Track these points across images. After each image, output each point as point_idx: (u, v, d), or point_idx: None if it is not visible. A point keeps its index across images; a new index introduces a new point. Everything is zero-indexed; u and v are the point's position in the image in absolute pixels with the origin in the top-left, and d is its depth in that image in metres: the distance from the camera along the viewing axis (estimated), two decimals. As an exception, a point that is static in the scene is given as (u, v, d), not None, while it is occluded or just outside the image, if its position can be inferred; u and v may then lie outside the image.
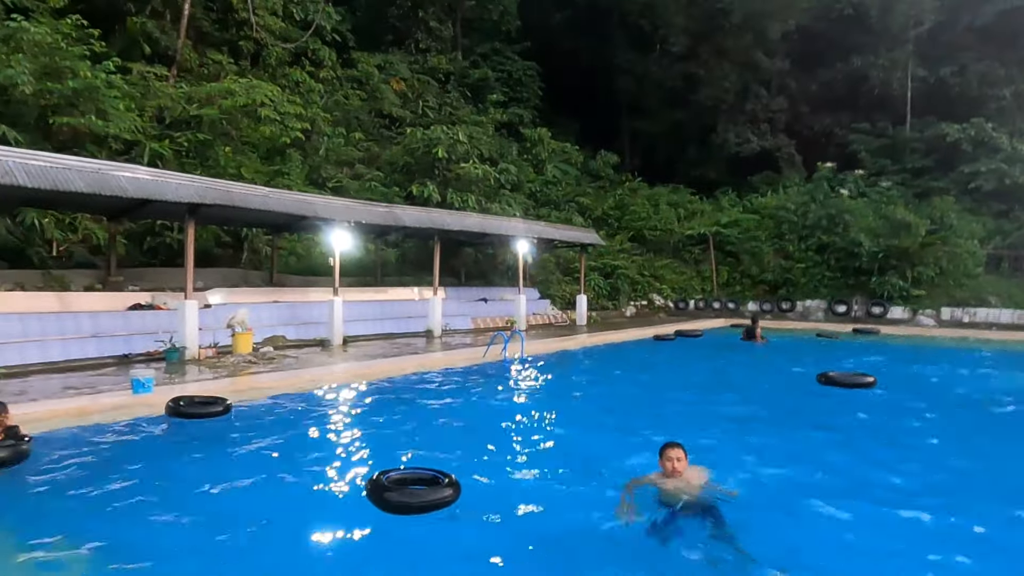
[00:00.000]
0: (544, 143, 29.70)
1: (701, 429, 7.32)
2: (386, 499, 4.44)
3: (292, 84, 22.52)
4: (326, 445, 6.54)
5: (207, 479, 5.34)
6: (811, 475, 5.86)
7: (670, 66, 36.09)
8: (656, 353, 15.27)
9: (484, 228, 17.50)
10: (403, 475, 4.79)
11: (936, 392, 10.48)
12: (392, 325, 16.03)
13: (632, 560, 4.05)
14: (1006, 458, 6.50)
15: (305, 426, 7.21)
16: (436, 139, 20.72)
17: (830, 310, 24.12)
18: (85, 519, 4.45)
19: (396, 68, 28.28)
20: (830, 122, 36.15)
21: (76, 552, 3.92)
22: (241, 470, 5.67)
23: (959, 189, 29.48)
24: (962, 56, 34.45)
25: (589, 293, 22.70)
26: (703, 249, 27.78)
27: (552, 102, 35.79)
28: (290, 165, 19.39)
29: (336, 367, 10.60)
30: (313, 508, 4.88)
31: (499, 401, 9.15)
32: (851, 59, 34.71)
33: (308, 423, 7.36)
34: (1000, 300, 22.34)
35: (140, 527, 4.36)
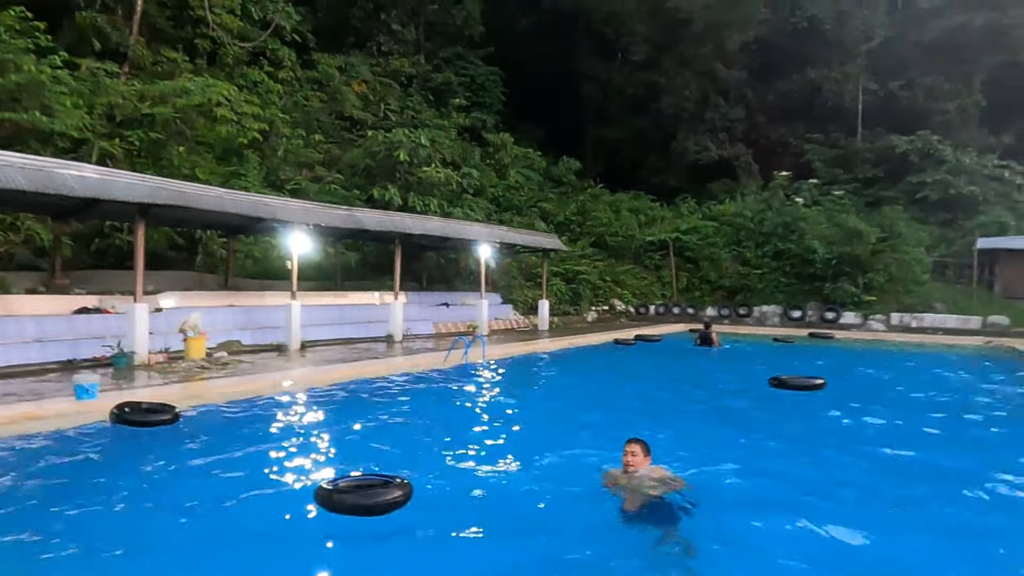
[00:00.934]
0: (507, 148, 29.73)
1: (655, 430, 7.36)
2: (335, 502, 4.36)
3: (250, 84, 22.06)
4: (279, 452, 6.35)
5: (151, 489, 5.14)
6: (753, 474, 5.98)
7: (632, 74, 36.59)
8: (616, 357, 15.35)
9: (446, 232, 17.40)
10: (353, 482, 4.69)
11: (881, 394, 10.76)
12: (352, 330, 15.78)
13: (584, 563, 4.04)
14: (941, 455, 6.70)
15: (258, 433, 7.00)
16: (398, 142, 20.55)
17: (786, 315, 24.66)
18: (18, 530, 4.21)
19: (358, 70, 27.96)
20: (786, 132, 37.13)
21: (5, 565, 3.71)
22: (188, 479, 5.47)
23: (907, 199, 30.59)
24: (910, 71, 35.83)
25: (551, 298, 22.76)
26: (663, 255, 28.15)
27: (515, 107, 35.87)
28: (247, 166, 18.96)
29: (293, 372, 10.36)
30: (262, 517, 4.72)
31: (459, 406, 9.06)
32: (806, 71, 35.74)
33: (261, 430, 7.15)
34: (945, 306, 23.17)
35: (77, 539, 4.15)
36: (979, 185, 30.00)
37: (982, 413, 8.86)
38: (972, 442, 7.23)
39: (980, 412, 8.93)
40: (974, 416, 8.77)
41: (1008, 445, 7.10)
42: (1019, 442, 7.36)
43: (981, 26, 33.58)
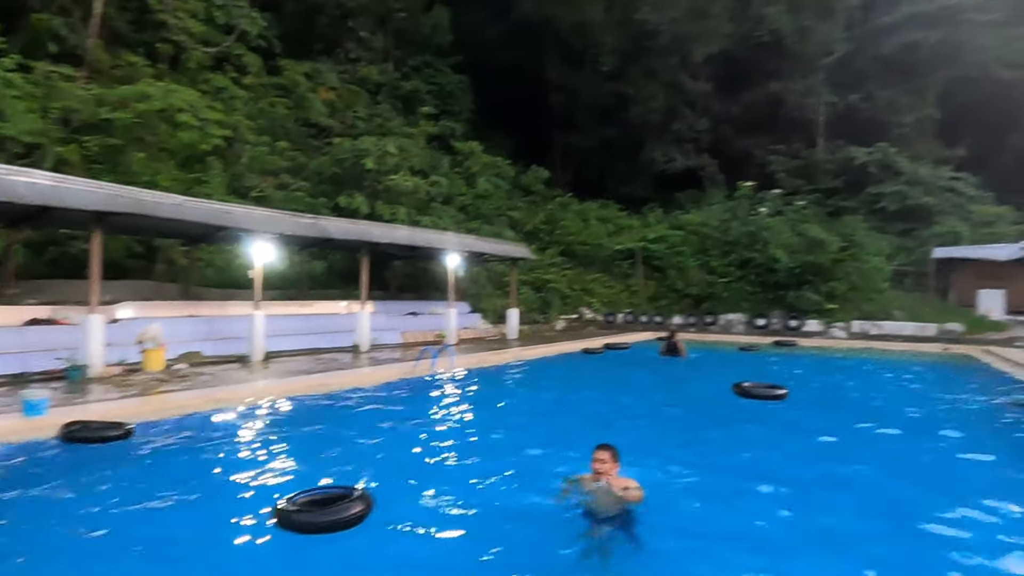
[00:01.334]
0: (476, 156, 29.71)
1: (620, 438, 7.38)
2: (294, 521, 4.25)
3: (213, 90, 21.65)
4: (240, 467, 6.18)
5: (102, 509, 4.94)
6: (711, 481, 6.09)
7: (601, 84, 36.93)
8: (585, 366, 15.38)
9: (414, 241, 17.26)
10: (312, 496, 4.58)
11: (842, 403, 10.97)
12: (317, 340, 15.54)
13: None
14: (895, 462, 6.83)
15: (218, 447, 6.81)
16: (365, 150, 20.39)
17: (751, 323, 25.04)
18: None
19: (325, 77, 27.69)
20: (750, 143, 37.83)
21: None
22: (139, 499, 5.27)
23: (867, 209, 31.43)
24: (869, 84, 36.89)
25: (520, 307, 22.72)
26: (631, 263, 28.39)
27: (484, 116, 35.94)
28: (210, 173, 18.60)
29: (256, 384, 10.13)
30: (221, 535, 4.57)
31: (426, 416, 8.94)
32: (769, 84, 36.52)
33: (222, 444, 6.96)
34: (904, 313, 23.77)
35: (8, 565, 3.96)
36: (934, 196, 30.96)
37: (937, 425, 9.05)
38: (923, 459, 7.33)
39: (935, 424, 9.11)
40: (928, 427, 8.97)
41: (955, 462, 7.24)
42: (961, 453, 7.52)
43: (935, 42, 34.74)
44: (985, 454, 7.19)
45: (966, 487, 5.96)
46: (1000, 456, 7.17)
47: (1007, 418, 9.32)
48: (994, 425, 8.99)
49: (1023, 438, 8.27)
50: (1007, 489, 5.93)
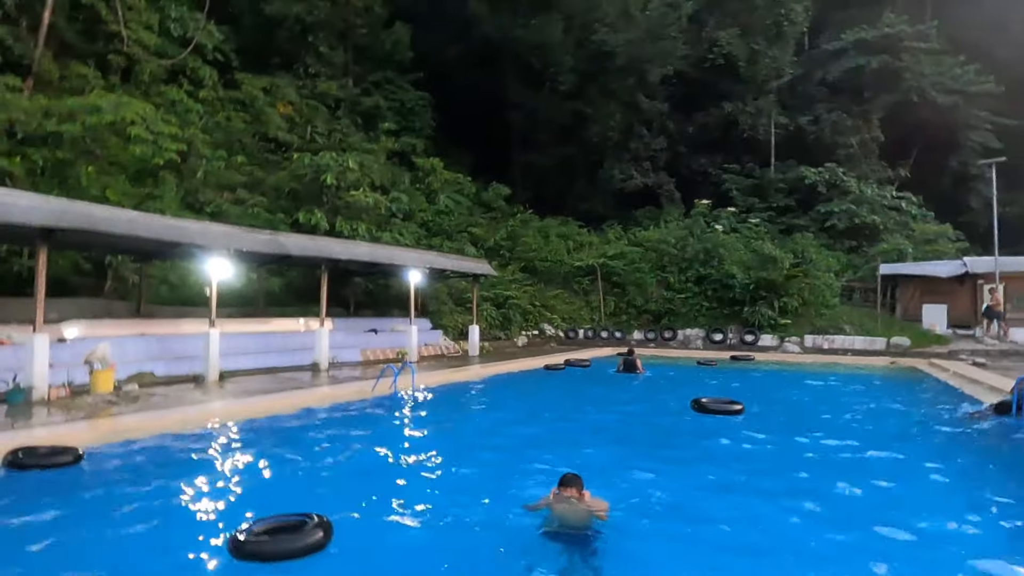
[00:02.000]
0: (437, 173, 29.73)
1: (582, 456, 7.60)
2: (249, 550, 4.14)
3: (168, 103, 21.20)
4: (195, 493, 5.99)
5: (50, 539, 4.72)
6: (670, 495, 6.21)
7: (560, 103, 37.44)
8: (546, 383, 15.43)
9: (374, 257, 17.13)
10: (268, 524, 4.47)
11: (796, 415, 11.29)
12: (275, 358, 15.22)
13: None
14: (848, 474, 7.03)
15: (170, 472, 6.57)
16: (325, 166, 20.21)
17: (708, 338, 25.51)
18: None
19: (283, 91, 27.41)
20: (705, 162, 38.81)
21: None
22: (93, 525, 5.07)
23: (817, 226, 32.51)
24: (816, 107, 38.34)
25: (481, 323, 22.71)
26: (591, 280, 28.66)
27: (445, 132, 36.04)
28: (163, 188, 18.16)
29: (210, 405, 9.86)
30: (175, 566, 4.42)
31: (388, 437, 8.83)
32: (723, 105, 37.58)
33: (174, 469, 6.73)
34: (853, 328, 24.55)
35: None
36: (880, 215, 32.21)
37: (887, 436, 9.36)
38: (874, 470, 7.55)
39: (885, 435, 9.42)
40: (878, 438, 9.27)
41: (905, 472, 7.50)
42: (907, 463, 7.79)
43: (877, 68, 36.35)
44: (935, 462, 7.47)
45: (917, 496, 6.17)
46: (949, 464, 7.44)
47: (955, 428, 9.68)
48: (941, 435, 9.34)
49: (969, 446, 8.60)
50: (957, 499, 6.16)
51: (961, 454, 8.17)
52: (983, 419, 9.95)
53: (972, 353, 20.30)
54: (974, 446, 8.72)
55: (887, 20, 37.40)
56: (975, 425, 9.72)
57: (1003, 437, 8.94)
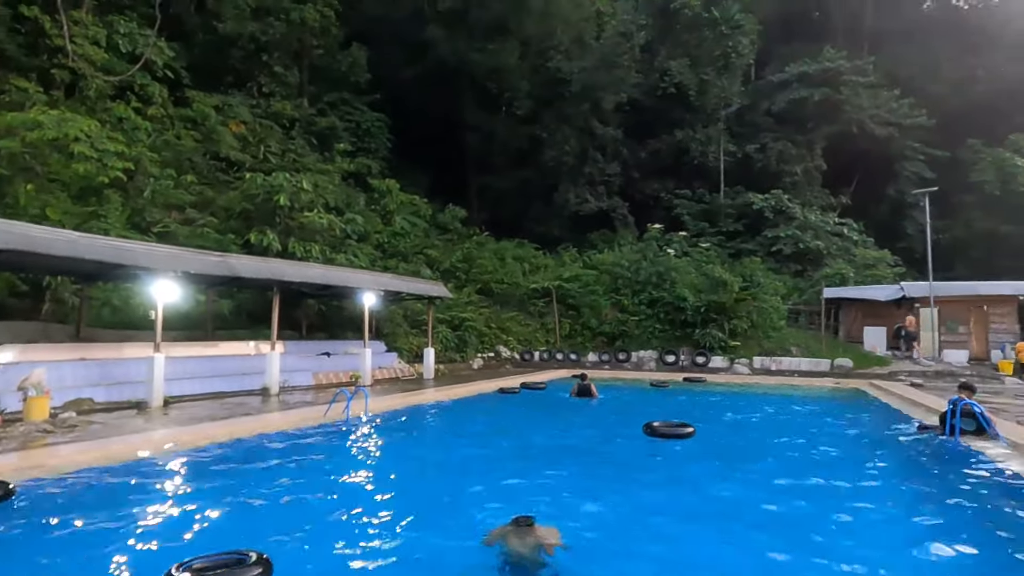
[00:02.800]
0: (393, 194, 29.63)
1: (533, 481, 7.62)
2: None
3: (114, 120, 20.63)
4: (132, 529, 5.74)
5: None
6: (620, 521, 6.27)
7: (516, 127, 37.95)
8: (501, 407, 15.39)
9: (328, 280, 16.90)
10: (205, 562, 4.31)
11: (745, 436, 11.55)
12: (223, 383, 14.80)
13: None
14: (797, 491, 7.23)
15: (107, 507, 6.28)
16: (278, 186, 19.89)
17: (661, 360, 25.91)
18: None
19: (236, 110, 26.99)
20: (658, 187, 39.79)
21: None
22: (24, 565, 4.82)
23: (764, 251, 33.58)
24: (763, 136, 39.83)
25: (437, 346, 22.57)
26: (547, 302, 28.86)
27: (402, 154, 36.04)
28: (108, 207, 17.58)
29: (153, 433, 9.51)
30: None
31: (338, 465, 8.66)
32: (674, 132, 38.72)
33: (112, 503, 6.43)
34: (799, 350, 25.33)
35: None
36: (823, 240, 33.50)
37: (835, 455, 9.65)
38: (823, 488, 7.79)
39: (833, 454, 9.72)
40: (827, 458, 9.56)
41: (853, 490, 7.75)
42: (861, 481, 8.07)
43: (819, 100, 38.06)
44: (876, 481, 7.74)
45: (865, 514, 6.37)
46: (892, 485, 7.72)
47: (898, 448, 10.05)
48: (885, 456, 9.67)
49: (911, 466, 8.93)
50: (899, 514, 6.39)
51: (905, 475, 8.45)
52: (926, 432, 10.41)
53: (910, 374, 21.15)
54: (915, 466, 9.05)
55: (827, 55, 39.24)
56: (915, 447, 10.10)
57: (938, 457, 9.32)
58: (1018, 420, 11.11)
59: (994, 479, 7.60)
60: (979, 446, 9.17)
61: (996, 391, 16.99)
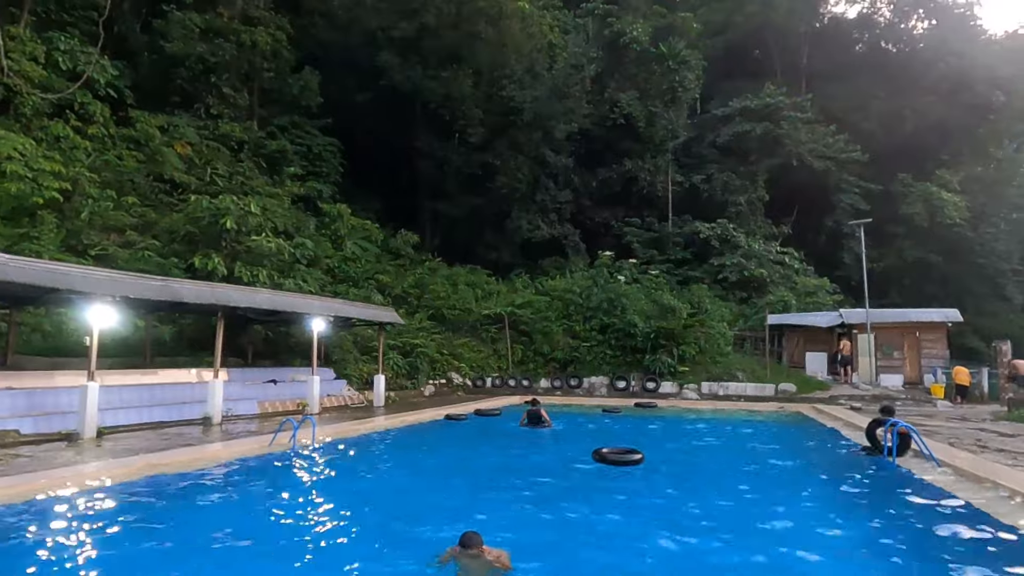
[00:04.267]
0: (344, 219, 29.30)
1: (481, 508, 7.57)
2: None
3: (51, 139, 19.92)
4: (55, 569, 5.42)
5: None
6: (568, 547, 6.29)
7: (469, 154, 38.19)
8: (449, 435, 15.18)
9: (275, 305, 16.51)
10: None
11: (694, 461, 11.74)
12: (162, 412, 14.23)
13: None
14: (745, 516, 7.35)
15: (29, 548, 5.90)
16: (225, 208, 19.44)
17: (612, 385, 26.12)
18: None
19: (182, 131, 26.37)
20: (608, 215, 40.51)
21: None
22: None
23: (711, 278, 34.45)
24: (708, 167, 41.16)
25: (388, 372, 22.24)
26: (499, 328, 28.83)
27: (353, 179, 35.77)
28: (42, 228, 16.88)
29: (84, 467, 9.03)
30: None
31: (284, 495, 8.39)
32: (624, 162, 39.60)
33: (35, 543, 6.06)
34: (745, 375, 25.93)
35: None
36: (766, 268, 34.59)
37: (780, 483, 9.86)
38: (771, 510, 7.95)
39: (778, 482, 9.92)
40: (772, 480, 9.76)
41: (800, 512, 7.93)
42: (807, 503, 8.26)
43: (760, 134, 39.62)
44: (822, 502, 7.93)
45: (808, 539, 6.51)
46: (834, 506, 7.92)
47: (841, 470, 10.34)
48: (828, 479, 9.94)
49: (842, 481, 9.20)
50: (835, 521, 6.56)
51: (846, 497, 8.70)
52: (863, 455, 10.76)
53: (850, 398, 21.89)
54: (851, 483, 9.32)
55: (768, 91, 40.99)
56: (854, 466, 10.42)
57: (874, 475, 9.64)
58: (950, 442, 11.59)
59: (928, 499, 7.89)
60: (912, 466, 9.52)
61: (929, 414, 17.74)
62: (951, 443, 11.40)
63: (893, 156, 42.71)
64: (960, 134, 43.31)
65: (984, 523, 6.64)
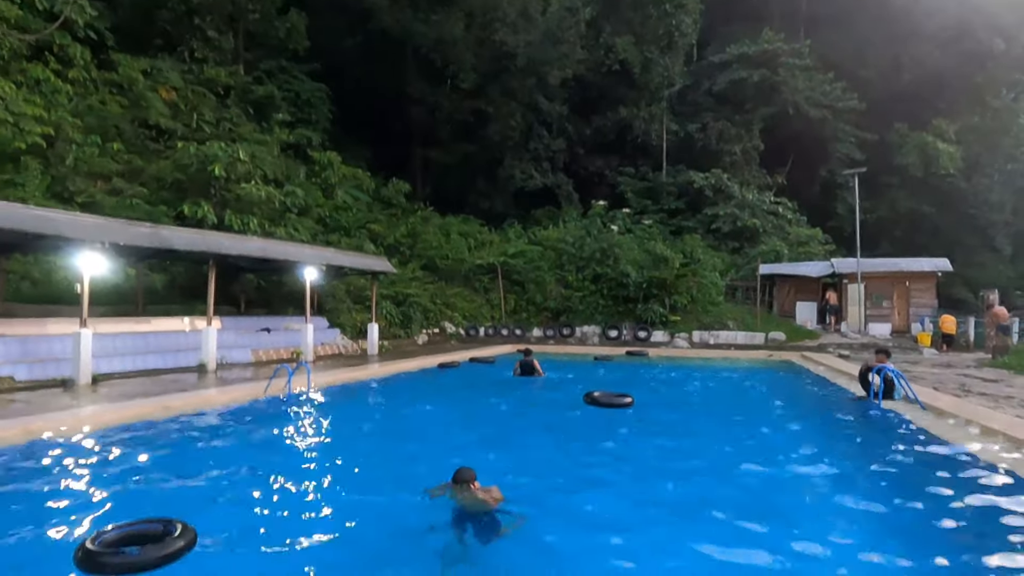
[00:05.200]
0: (334, 167, 28.89)
1: (473, 447, 7.73)
2: (98, 563, 3.85)
3: (31, 82, 19.36)
4: (54, 504, 5.48)
5: None
6: (562, 482, 6.49)
7: (461, 101, 37.49)
8: (442, 381, 15.32)
9: (267, 253, 16.42)
10: (122, 533, 4.16)
11: (682, 404, 11.95)
12: (157, 360, 14.29)
13: None
14: (728, 456, 7.52)
15: (29, 481, 6.00)
16: (213, 155, 19.10)
17: (604, 335, 26.38)
18: None
19: (166, 76, 25.66)
20: (602, 164, 40.15)
21: None
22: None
23: (704, 228, 34.42)
24: (704, 116, 40.62)
25: (381, 321, 22.35)
26: (492, 278, 28.89)
27: (343, 126, 35.12)
28: (26, 175, 16.58)
29: (81, 411, 9.09)
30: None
31: (278, 437, 8.50)
32: (619, 109, 39.01)
33: (34, 479, 6.14)
34: (736, 324, 26.21)
35: None
36: (759, 218, 34.56)
37: (757, 422, 10.05)
38: (750, 448, 8.14)
39: (755, 422, 10.11)
40: (748, 425, 9.96)
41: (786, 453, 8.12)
42: (792, 444, 8.46)
43: (757, 82, 38.98)
44: (799, 437, 8.13)
45: (791, 478, 6.68)
46: (822, 447, 8.11)
47: (825, 412, 10.56)
48: (813, 420, 10.15)
49: (829, 423, 9.41)
50: (822, 459, 6.75)
51: (833, 436, 8.89)
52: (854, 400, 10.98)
53: (838, 347, 22.20)
54: (838, 425, 9.54)
55: (766, 37, 40.16)
56: (840, 410, 10.64)
57: (860, 418, 9.87)
58: (934, 387, 11.82)
59: (914, 437, 8.08)
60: (899, 408, 9.72)
61: (915, 361, 18.05)
62: (935, 388, 11.63)
63: (890, 105, 42.24)
64: (958, 83, 42.70)
65: (965, 459, 6.84)
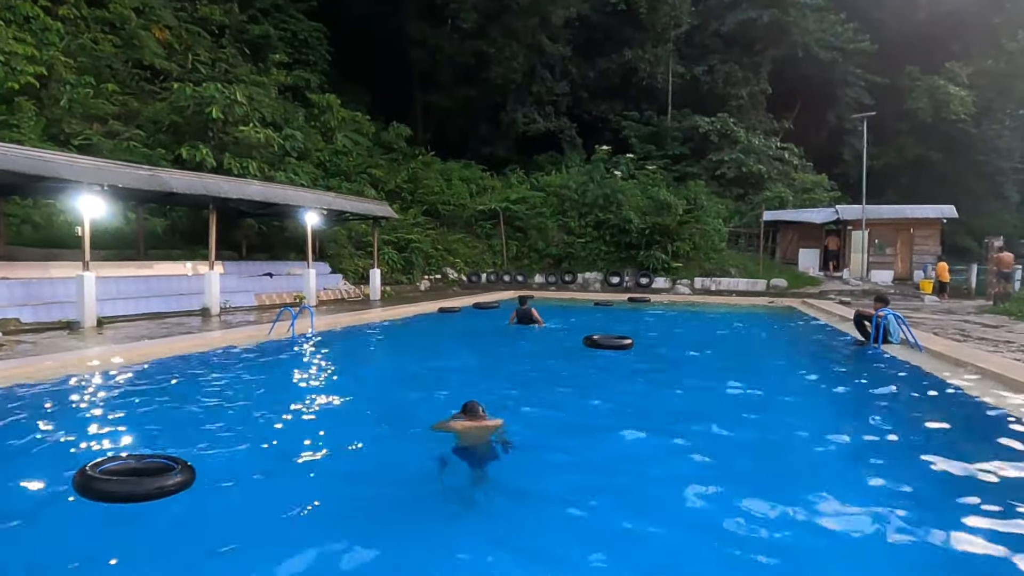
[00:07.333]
0: (334, 111, 28.35)
1: (476, 387, 7.77)
2: (93, 488, 3.94)
3: (21, 19, 18.82)
4: (62, 436, 5.57)
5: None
6: (561, 420, 6.61)
7: (462, 42, 36.49)
8: (444, 325, 15.39)
9: (267, 197, 16.30)
10: (121, 464, 4.24)
11: (682, 347, 12.06)
12: (160, 303, 14.38)
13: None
14: (725, 394, 7.63)
15: (39, 417, 6.09)
16: (210, 97, 18.72)
17: (606, 281, 26.42)
18: None
19: (159, 14, 24.94)
20: (606, 108, 39.37)
21: None
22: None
23: (708, 175, 34.02)
24: (711, 58, 39.59)
25: (383, 267, 22.36)
26: (494, 224, 28.76)
27: (342, 68, 34.34)
28: (20, 116, 16.30)
29: (88, 351, 9.19)
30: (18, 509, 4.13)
31: (283, 377, 8.62)
32: (623, 51, 38.02)
33: (43, 414, 6.25)
34: (738, 271, 26.21)
35: None
36: (765, 164, 34.11)
37: (753, 364, 10.17)
38: (748, 389, 8.24)
39: (759, 368, 10.22)
40: (754, 364, 10.06)
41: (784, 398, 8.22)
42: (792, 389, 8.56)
43: (767, 22, 37.80)
44: (798, 377, 8.23)
45: (789, 421, 6.78)
46: (820, 389, 8.22)
47: (824, 357, 10.65)
48: (813, 363, 10.26)
49: (829, 364, 9.52)
50: (822, 407, 6.85)
51: (829, 377, 8.99)
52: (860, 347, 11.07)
53: (839, 293, 22.24)
54: (838, 365, 9.64)
55: (777, -28, 38.75)
56: (840, 352, 10.73)
57: (861, 360, 9.95)
58: (934, 331, 11.89)
59: (912, 378, 8.17)
60: (896, 351, 9.80)
61: (916, 307, 18.10)
62: (935, 333, 11.70)
63: (902, 48, 41.04)
64: (974, 24, 41.34)
65: (960, 396, 6.95)
